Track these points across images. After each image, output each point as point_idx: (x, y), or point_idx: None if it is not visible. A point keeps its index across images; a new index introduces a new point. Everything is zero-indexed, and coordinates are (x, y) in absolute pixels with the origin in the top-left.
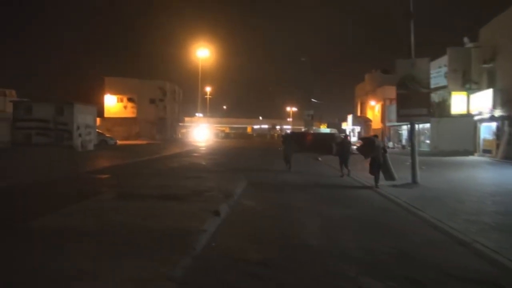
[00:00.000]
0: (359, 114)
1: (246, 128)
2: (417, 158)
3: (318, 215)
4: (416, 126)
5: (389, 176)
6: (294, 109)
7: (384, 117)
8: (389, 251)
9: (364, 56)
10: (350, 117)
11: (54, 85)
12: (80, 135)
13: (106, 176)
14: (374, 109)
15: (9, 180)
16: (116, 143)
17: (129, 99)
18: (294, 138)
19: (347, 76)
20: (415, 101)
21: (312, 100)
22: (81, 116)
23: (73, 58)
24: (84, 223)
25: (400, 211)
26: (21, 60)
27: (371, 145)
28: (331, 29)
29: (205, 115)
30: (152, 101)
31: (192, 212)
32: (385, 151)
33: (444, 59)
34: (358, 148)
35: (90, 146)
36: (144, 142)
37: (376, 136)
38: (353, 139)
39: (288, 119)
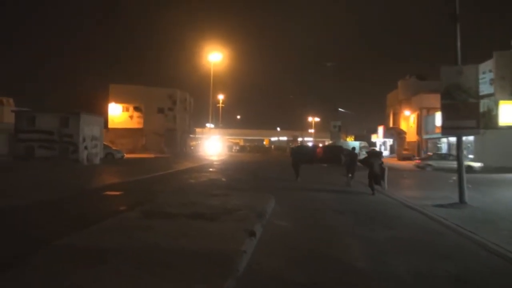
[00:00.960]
0: (391, 125)
1: (262, 141)
2: (465, 175)
3: (359, 236)
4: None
5: (380, 185)
6: (317, 119)
7: (420, 128)
8: (445, 277)
9: (396, 61)
10: (380, 129)
11: (53, 93)
12: (86, 147)
13: (120, 193)
14: (408, 120)
15: (16, 200)
16: (123, 156)
17: (136, 108)
18: (302, 151)
19: (377, 84)
20: (463, 112)
21: (339, 109)
22: (88, 127)
23: (75, 63)
24: (113, 243)
25: (450, 234)
26: (16, 65)
27: (373, 158)
28: (359, 33)
29: (217, 126)
30: (160, 110)
31: (226, 232)
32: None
33: (488, 64)
34: (361, 161)
35: (96, 160)
36: (151, 155)
37: (380, 152)
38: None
39: (310, 131)
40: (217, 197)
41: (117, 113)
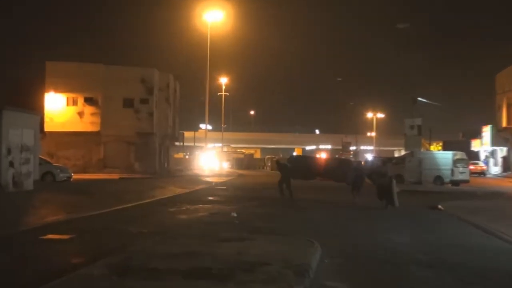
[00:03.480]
0: (504, 124)
1: (290, 150)
2: None
3: None
4: None
5: (391, 202)
6: (380, 115)
7: None
8: None
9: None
10: (487, 131)
11: None
12: (12, 164)
13: (69, 236)
14: None
15: None
16: (70, 177)
17: (88, 101)
18: (300, 164)
19: (480, 60)
20: None
21: (419, 100)
22: (14, 131)
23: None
24: None
25: None
26: None
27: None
28: None
29: (215, 128)
30: (128, 103)
31: None
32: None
33: None
34: (369, 176)
35: (29, 184)
36: (115, 175)
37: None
38: (494, 169)
39: (370, 134)
40: (228, 242)
41: (59, 108)
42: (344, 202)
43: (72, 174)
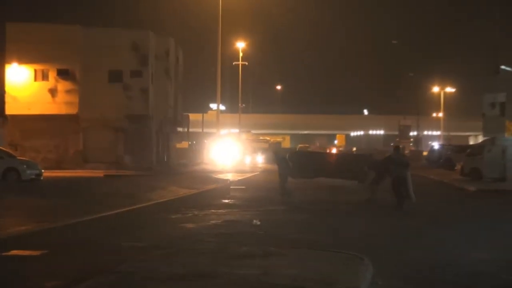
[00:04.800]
0: None
1: (329, 138)
2: None
3: None
4: None
5: (407, 196)
6: (450, 90)
7: None
8: None
9: None
10: None
11: None
12: None
13: (40, 252)
14: None
15: None
16: (40, 175)
17: (62, 74)
18: (302, 159)
19: None
20: None
21: (503, 69)
22: None
23: None
24: None
25: None
26: None
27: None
28: None
29: (230, 109)
30: (115, 76)
31: None
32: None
33: None
34: (370, 167)
35: None
36: (99, 172)
37: (397, 148)
38: None
39: (436, 115)
40: (250, 259)
41: (24, 84)
42: (387, 204)
43: (43, 170)
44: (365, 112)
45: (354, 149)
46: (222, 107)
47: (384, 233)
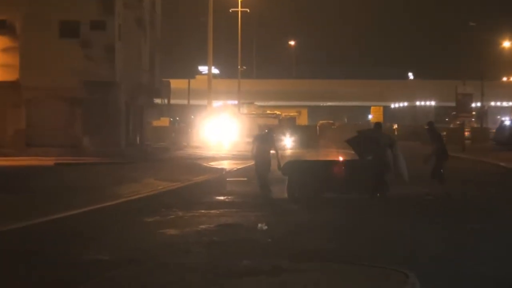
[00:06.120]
0: None
1: (362, 111)
2: None
3: None
4: None
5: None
6: None
7: None
8: None
9: None
10: None
11: None
12: None
13: None
14: None
15: None
16: None
17: None
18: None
19: None
20: None
21: None
22: None
23: None
24: None
25: None
26: None
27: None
28: None
29: (226, 73)
30: (69, 29)
31: None
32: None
33: None
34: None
35: None
36: (48, 160)
37: (378, 124)
38: None
39: (507, 80)
40: (254, 277)
41: None
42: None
43: None
44: (410, 76)
45: (395, 126)
46: (215, 71)
47: (429, 239)
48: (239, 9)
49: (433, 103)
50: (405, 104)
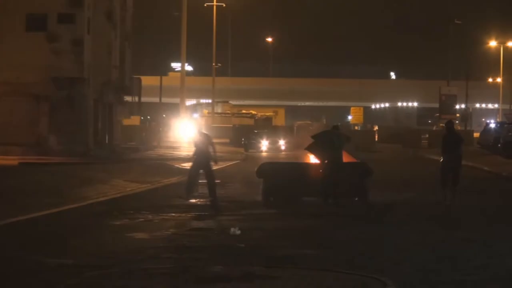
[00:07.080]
0: None
1: (341, 111)
2: None
3: None
4: None
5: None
6: None
7: None
8: None
9: None
10: None
11: None
12: None
13: None
14: None
15: None
16: None
17: None
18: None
19: None
20: None
21: None
22: None
23: None
24: None
25: None
26: None
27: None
28: None
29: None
30: (35, 22)
31: None
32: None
33: None
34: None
35: None
36: (11, 159)
37: (335, 126)
38: None
39: (493, 80)
40: (224, 283)
41: None
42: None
43: None
44: (392, 76)
45: (376, 128)
46: (188, 68)
47: (415, 244)
48: (214, 3)
49: (415, 104)
50: (387, 105)
